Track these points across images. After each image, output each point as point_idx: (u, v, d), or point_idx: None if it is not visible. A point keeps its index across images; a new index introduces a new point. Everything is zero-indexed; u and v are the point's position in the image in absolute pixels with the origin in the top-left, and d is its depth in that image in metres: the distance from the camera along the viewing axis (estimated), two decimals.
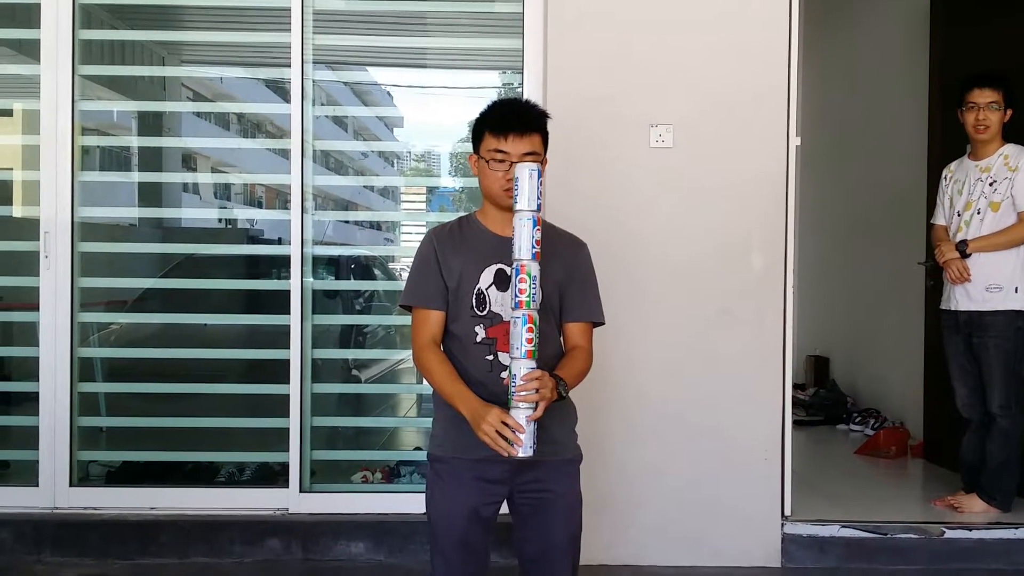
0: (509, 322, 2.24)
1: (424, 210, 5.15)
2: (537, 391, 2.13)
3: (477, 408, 2.20)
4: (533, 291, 2.15)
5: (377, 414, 4.86)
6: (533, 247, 2.15)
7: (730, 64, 3.69)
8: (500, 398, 2.19)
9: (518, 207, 2.16)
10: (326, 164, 4.10)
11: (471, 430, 2.30)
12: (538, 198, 2.17)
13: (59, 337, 3.83)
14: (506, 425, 2.12)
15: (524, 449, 2.13)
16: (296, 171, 3.84)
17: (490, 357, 2.31)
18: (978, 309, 3.96)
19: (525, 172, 2.16)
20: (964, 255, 3.95)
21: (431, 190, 5.30)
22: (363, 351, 5.06)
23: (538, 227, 2.16)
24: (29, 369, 3.92)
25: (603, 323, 2.48)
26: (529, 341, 2.14)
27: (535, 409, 2.14)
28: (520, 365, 2.14)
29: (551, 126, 2.40)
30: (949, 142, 4.42)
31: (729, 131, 3.69)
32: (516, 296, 2.15)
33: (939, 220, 4.21)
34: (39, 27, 3.82)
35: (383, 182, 5.63)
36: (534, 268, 2.15)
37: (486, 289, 2.33)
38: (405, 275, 2.53)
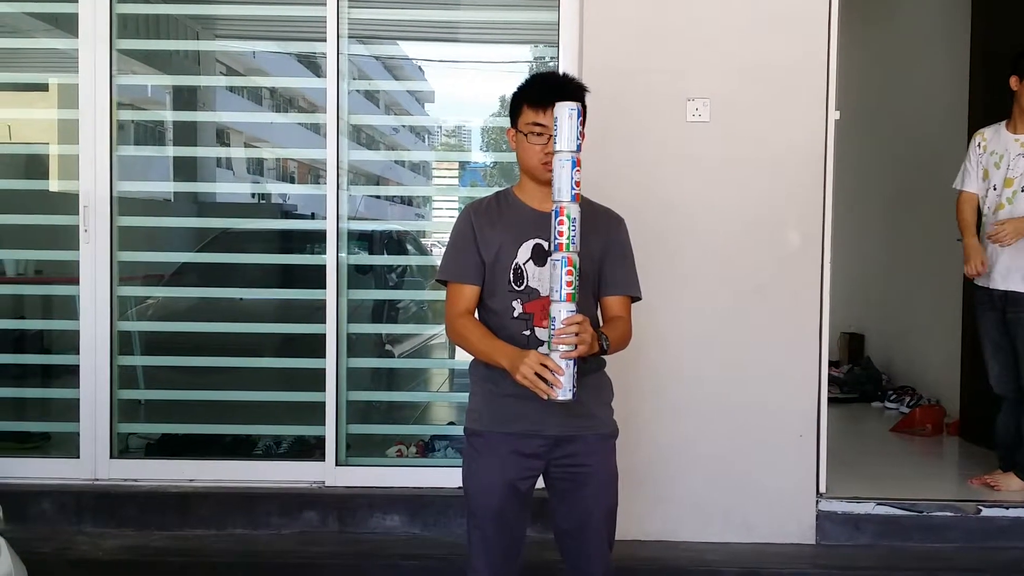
0: (546, 297, 2.25)
1: (456, 185, 5.15)
2: (577, 335, 2.11)
3: (515, 354, 2.19)
4: (573, 233, 2.12)
5: (410, 389, 4.89)
6: (572, 189, 2.12)
7: (768, 36, 3.63)
8: None
9: (558, 148, 2.13)
10: (357, 139, 4.11)
11: (508, 404, 2.32)
12: (578, 139, 2.14)
13: (99, 310, 3.87)
14: (546, 368, 2.10)
15: (564, 392, 2.11)
16: (332, 147, 3.83)
17: (527, 332, 2.31)
18: (1014, 289, 3.90)
19: (565, 112, 2.13)
20: None
21: (463, 165, 5.29)
22: (396, 326, 5.08)
23: (578, 168, 2.12)
24: (69, 342, 3.97)
25: (640, 298, 2.48)
26: (569, 284, 2.11)
27: (575, 351, 2.11)
28: (560, 308, 2.12)
29: (587, 100, 2.38)
30: (990, 115, 4.33)
31: (767, 104, 3.64)
32: (555, 239, 2.13)
33: (969, 187, 4.06)
34: (76, 1, 3.83)
35: (417, 157, 5.63)
36: (573, 210, 2.12)
37: (523, 264, 2.33)
38: (436, 250, 2.54)
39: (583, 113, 2.34)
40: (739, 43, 3.64)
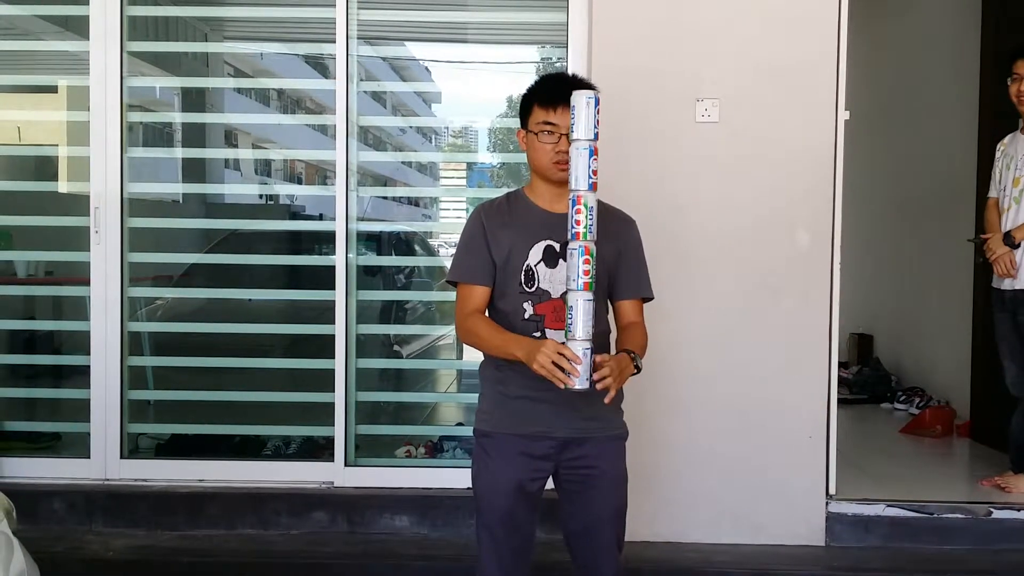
0: (557, 299, 2.25)
1: (463, 186, 5.15)
2: (608, 376, 2.10)
3: (531, 345, 2.18)
4: (590, 222, 2.11)
5: (418, 390, 4.90)
6: (590, 177, 2.11)
7: (778, 36, 3.62)
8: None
9: (575, 136, 2.12)
10: (365, 140, 4.12)
11: (518, 406, 2.32)
12: (595, 127, 2.12)
13: (109, 311, 3.87)
14: (563, 357, 2.09)
15: (580, 381, 2.09)
16: (341, 148, 3.83)
17: (538, 334, 2.31)
18: (1022, 288, 3.89)
19: (582, 100, 2.12)
20: (1014, 246, 3.86)
21: (470, 166, 5.29)
22: (405, 327, 5.09)
23: (595, 157, 2.11)
24: (80, 343, 3.98)
25: (652, 298, 2.48)
26: (586, 273, 2.10)
27: (609, 392, 2.12)
28: (577, 297, 2.11)
29: None
30: (1001, 116, 4.33)
31: (776, 105, 3.63)
32: (572, 227, 2.11)
33: (992, 193, 4.12)
34: (87, 4, 3.84)
35: (427, 158, 5.64)
36: (591, 199, 2.11)
37: (535, 265, 2.33)
38: (444, 251, 2.53)
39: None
40: (749, 43, 3.63)
